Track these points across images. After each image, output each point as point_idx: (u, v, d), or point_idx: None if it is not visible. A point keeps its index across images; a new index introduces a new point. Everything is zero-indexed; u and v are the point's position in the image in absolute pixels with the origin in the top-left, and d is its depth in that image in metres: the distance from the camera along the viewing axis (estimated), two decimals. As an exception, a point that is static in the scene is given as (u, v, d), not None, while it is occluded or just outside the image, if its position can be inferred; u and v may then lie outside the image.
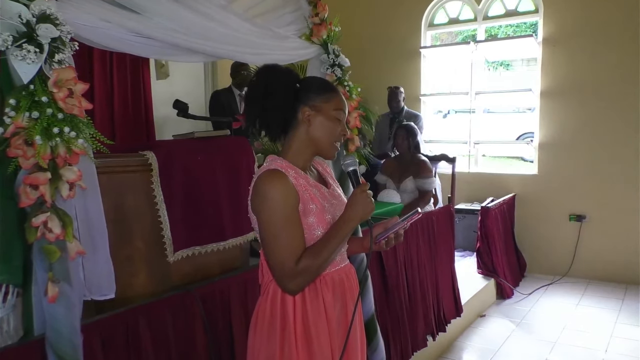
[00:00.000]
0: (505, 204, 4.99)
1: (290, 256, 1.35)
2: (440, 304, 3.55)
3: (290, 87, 1.45)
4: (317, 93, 1.46)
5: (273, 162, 1.45)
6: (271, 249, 1.37)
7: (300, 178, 1.44)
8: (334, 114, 1.45)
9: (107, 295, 1.76)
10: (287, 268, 1.35)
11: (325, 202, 1.46)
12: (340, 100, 1.47)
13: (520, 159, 9.94)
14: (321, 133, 1.45)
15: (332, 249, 1.37)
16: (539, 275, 5.14)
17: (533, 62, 5.73)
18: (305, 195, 1.42)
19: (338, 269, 1.50)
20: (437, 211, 3.76)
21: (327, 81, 1.54)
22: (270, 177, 1.38)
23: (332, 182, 1.58)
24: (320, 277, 1.44)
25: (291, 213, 1.37)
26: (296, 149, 1.47)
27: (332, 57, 2.58)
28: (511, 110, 10.68)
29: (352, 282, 1.54)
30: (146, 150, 2.11)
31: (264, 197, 1.36)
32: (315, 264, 1.37)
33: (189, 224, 2.19)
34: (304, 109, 1.45)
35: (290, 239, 1.36)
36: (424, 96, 5.85)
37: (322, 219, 1.42)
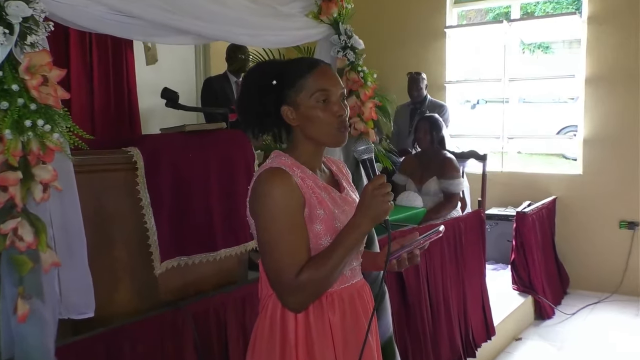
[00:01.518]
0: (544, 209, 4.97)
1: (290, 267, 1.34)
2: (469, 325, 3.53)
3: (264, 88, 1.45)
4: (289, 85, 1.44)
5: (276, 158, 1.45)
6: (269, 257, 1.37)
7: (307, 178, 1.43)
8: (314, 99, 1.42)
9: (86, 314, 1.76)
10: (286, 280, 1.34)
11: (336, 208, 1.45)
12: (318, 79, 1.43)
13: (562, 157, 9.87)
14: (312, 127, 1.44)
15: (338, 259, 1.35)
16: (584, 292, 5.10)
17: (576, 44, 5.71)
18: (312, 199, 1.41)
19: (348, 285, 1.48)
20: (465, 217, 3.75)
21: (301, 61, 1.49)
22: (272, 175, 1.38)
23: (346, 185, 1.57)
24: (327, 294, 1.43)
25: (294, 218, 1.37)
26: (300, 147, 1.48)
27: (343, 39, 2.58)
28: (551, 99, 10.64)
29: (365, 302, 1.52)
30: (130, 147, 2.12)
31: (263, 199, 1.36)
32: (318, 276, 1.35)
33: (178, 231, 2.20)
34: (285, 110, 1.45)
35: (291, 247, 1.35)
36: (450, 83, 5.83)
37: (330, 226, 1.41)
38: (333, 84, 1.44)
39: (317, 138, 1.45)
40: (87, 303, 1.75)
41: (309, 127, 1.44)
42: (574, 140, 5.41)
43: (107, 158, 2.09)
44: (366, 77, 2.61)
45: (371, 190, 1.34)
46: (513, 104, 5.79)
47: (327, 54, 2.60)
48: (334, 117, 1.43)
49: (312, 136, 1.45)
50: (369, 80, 2.62)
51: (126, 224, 2.12)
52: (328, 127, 1.43)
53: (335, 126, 1.43)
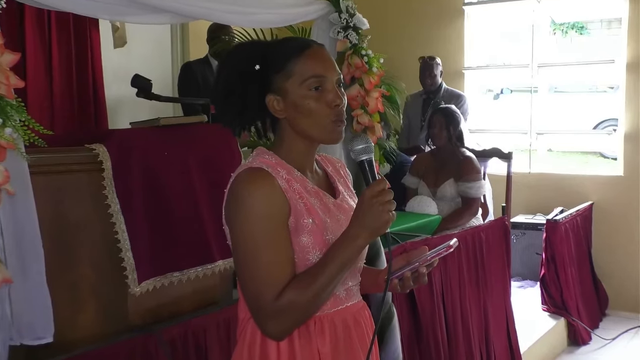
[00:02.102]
0: (579, 217, 4.98)
1: (269, 287, 1.32)
2: (491, 352, 3.53)
3: (245, 73, 1.43)
4: (276, 69, 1.42)
5: (258, 157, 1.43)
6: (247, 275, 1.35)
7: (294, 181, 1.41)
8: (306, 86, 1.40)
9: (43, 339, 1.76)
10: (264, 303, 1.32)
11: (328, 217, 1.42)
12: (309, 62, 1.41)
13: (600, 156, 9.91)
14: (302, 120, 1.42)
15: (328, 278, 1.32)
16: (626, 313, 5.11)
17: (616, 23, 5.73)
18: (299, 206, 1.38)
19: (342, 308, 1.45)
20: (486, 226, 3.75)
21: (287, 42, 1.47)
22: (251, 177, 1.37)
23: (343, 190, 1.54)
24: (315, 319, 1.40)
25: (276, 228, 1.35)
26: (288, 143, 1.46)
27: (344, 17, 2.59)
28: (587, 89, 10.68)
29: (363, 329, 1.49)
30: (95, 143, 2.11)
31: (240, 204, 1.35)
32: (303, 299, 1.32)
33: (155, 243, 2.19)
34: (270, 99, 1.42)
35: (272, 263, 1.33)
36: (469, 70, 5.84)
37: (319, 239, 1.38)
38: (328, 68, 1.42)
39: (309, 133, 1.43)
40: (44, 326, 1.75)
41: (298, 120, 1.42)
42: (613, 136, 5.43)
43: (68, 157, 2.09)
44: (371, 62, 2.62)
45: (369, 197, 1.31)
46: (542, 94, 5.80)
47: (325, 35, 2.61)
48: (329, 108, 1.41)
49: (303, 130, 1.43)
50: (374, 66, 2.63)
51: (92, 235, 2.12)
52: (322, 120, 1.41)
53: (331, 119, 1.41)
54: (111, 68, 4.52)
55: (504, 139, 5.75)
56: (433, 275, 3.08)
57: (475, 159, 4.19)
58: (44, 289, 1.74)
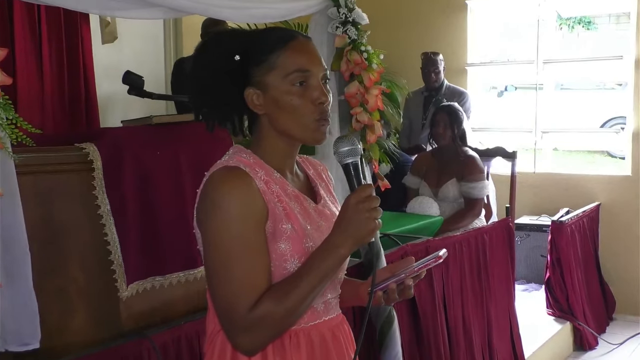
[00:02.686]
0: (585, 218, 4.98)
1: (243, 297, 1.25)
2: (494, 356, 3.54)
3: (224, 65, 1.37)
4: (256, 61, 1.36)
5: (235, 155, 1.38)
6: (218, 284, 1.29)
7: (273, 183, 1.36)
8: (289, 81, 1.34)
9: (29, 345, 1.76)
10: (237, 315, 1.26)
11: (308, 223, 1.37)
12: (294, 55, 1.36)
13: (607, 155, 9.92)
14: (284, 117, 1.36)
15: (307, 290, 1.27)
16: (634, 317, 5.11)
17: (625, 18, 5.73)
18: (278, 209, 1.33)
19: (319, 322, 1.40)
20: (490, 227, 3.75)
21: (269, 32, 1.41)
22: (227, 177, 1.31)
23: (324, 195, 1.49)
24: (291, 333, 1.35)
25: (252, 233, 1.29)
26: (267, 142, 1.40)
27: (343, 12, 2.59)
28: (594, 86, 10.69)
29: (342, 344, 1.44)
30: (86, 142, 2.11)
31: (213, 207, 1.28)
32: (280, 311, 1.26)
33: (146, 245, 2.19)
34: (249, 93, 1.37)
35: (246, 271, 1.27)
36: (472, 66, 5.84)
37: (299, 246, 1.33)
38: (314, 62, 1.37)
39: (290, 132, 1.37)
40: (31, 332, 1.75)
41: (279, 117, 1.37)
42: (621, 134, 5.43)
43: (57, 156, 2.09)
44: (371, 59, 2.62)
45: (355, 203, 1.26)
46: (548, 91, 5.80)
47: (323, 30, 2.61)
48: (313, 105, 1.35)
49: (283, 129, 1.38)
50: (374, 62, 2.63)
51: (82, 237, 2.12)
52: (305, 118, 1.35)
53: (315, 117, 1.36)
54: (102, 64, 4.51)
55: (508, 138, 5.75)
56: (434, 278, 3.08)
57: (479, 159, 4.20)
58: (30, 294, 1.74)
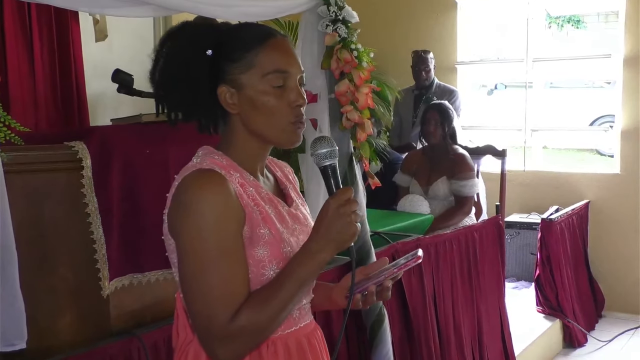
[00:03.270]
0: (574, 216, 5.00)
1: (222, 307, 1.20)
2: (484, 353, 3.55)
3: (196, 56, 1.32)
4: (231, 58, 1.31)
5: (206, 157, 1.33)
6: (194, 293, 1.23)
7: (247, 185, 1.31)
8: (267, 82, 1.30)
9: (16, 345, 1.75)
10: (217, 324, 1.20)
11: (284, 227, 1.33)
12: (273, 54, 1.31)
13: (596, 153, 9.98)
14: (258, 118, 1.31)
15: (288, 297, 1.23)
16: (622, 314, 5.14)
17: (613, 17, 5.77)
18: (254, 214, 1.28)
19: (295, 329, 1.37)
20: (480, 225, 3.76)
21: (250, 28, 1.37)
22: (202, 180, 1.26)
23: (295, 197, 1.45)
24: (268, 342, 1.31)
25: (230, 240, 1.24)
26: (238, 142, 1.35)
27: (333, 10, 2.59)
28: (583, 84, 10.74)
29: (317, 351, 1.41)
30: (75, 141, 2.10)
31: (189, 212, 1.23)
32: (261, 320, 1.22)
33: (131, 243, 2.18)
34: (222, 90, 1.32)
35: (225, 279, 1.21)
36: (461, 65, 5.85)
37: (277, 251, 1.29)
38: (292, 63, 1.33)
39: (264, 133, 1.33)
40: (17, 332, 1.74)
41: (254, 118, 1.32)
42: (610, 132, 5.46)
43: (46, 155, 2.07)
44: (361, 57, 2.62)
45: (335, 207, 1.22)
46: (538, 90, 5.83)
47: (313, 28, 2.60)
48: (290, 108, 1.32)
49: (257, 130, 1.33)
50: (364, 61, 2.63)
51: (70, 237, 2.10)
52: (280, 120, 1.31)
53: (291, 120, 1.32)
54: (91, 63, 4.49)
55: (497, 136, 5.77)
56: (425, 276, 3.09)
57: (469, 157, 4.21)
58: (17, 294, 1.73)
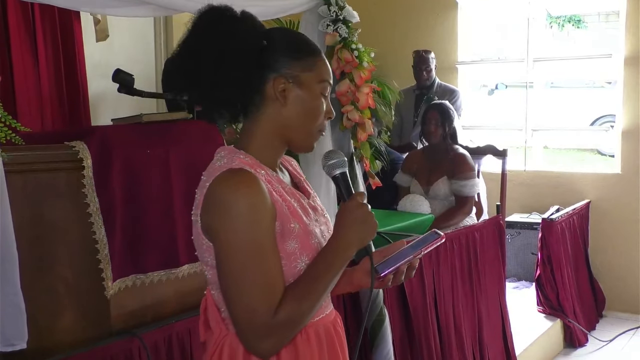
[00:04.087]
0: (575, 215, 5.00)
1: (264, 302, 1.25)
2: (485, 355, 3.55)
3: (251, 42, 1.35)
4: (294, 55, 1.37)
5: (233, 157, 1.35)
6: (236, 290, 1.27)
7: (274, 182, 1.36)
8: (318, 88, 1.38)
9: (16, 345, 1.75)
10: (260, 319, 1.25)
11: (309, 219, 1.39)
12: (326, 66, 1.41)
13: (597, 153, 9.97)
14: (300, 116, 1.37)
15: (323, 289, 1.30)
16: (623, 314, 5.14)
17: (614, 17, 5.76)
18: (284, 209, 1.33)
19: (322, 317, 1.43)
20: (480, 225, 3.76)
21: (305, 38, 1.45)
22: (235, 180, 1.28)
23: (310, 190, 1.51)
24: (301, 331, 1.36)
25: (267, 236, 1.28)
26: (262, 137, 1.39)
27: (334, 10, 2.59)
28: (583, 84, 10.74)
29: (341, 336, 1.48)
30: (75, 140, 2.10)
31: (226, 212, 1.26)
32: (301, 312, 1.28)
33: (133, 244, 2.19)
34: (278, 80, 1.35)
35: (264, 275, 1.26)
36: (462, 64, 5.85)
37: (307, 244, 1.35)
38: (331, 82, 1.43)
39: (293, 132, 1.39)
40: (18, 333, 1.74)
41: (295, 116, 1.37)
42: (610, 132, 5.45)
43: (46, 155, 2.08)
44: (361, 57, 2.62)
45: (357, 208, 1.33)
46: (538, 90, 5.82)
47: (314, 28, 2.61)
48: (324, 117, 1.41)
49: (291, 127, 1.38)
50: (365, 61, 2.63)
51: (71, 236, 2.11)
52: (314, 126, 1.40)
53: (320, 128, 1.41)
54: (92, 62, 4.50)
55: (498, 136, 5.78)
56: (425, 276, 3.09)
57: (469, 157, 4.21)
58: (17, 294, 1.73)
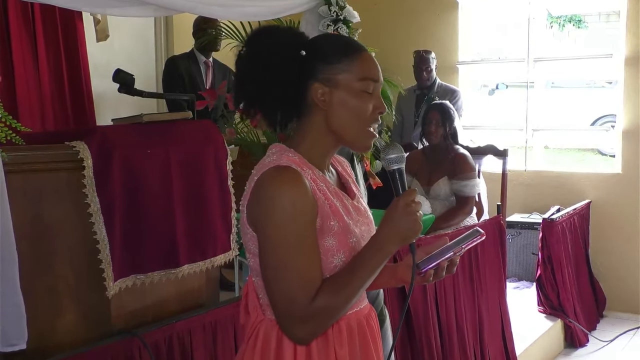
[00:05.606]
0: (576, 215, 5.00)
1: (303, 291, 1.33)
2: (486, 354, 3.55)
3: (291, 55, 1.42)
4: (330, 60, 1.43)
5: (282, 155, 1.42)
6: (277, 279, 1.35)
7: (318, 181, 1.43)
8: (359, 86, 1.42)
9: (16, 345, 1.75)
10: (298, 307, 1.33)
11: (350, 219, 1.45)
12: (367, 63, 1.45)
13: (597, 153, 9.97)
14: (345, 117, 1.43)
15: (360, 283, 1.37)
16: (624, 314, 5.14)
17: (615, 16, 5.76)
18: (326, 207, 1.40)
19: (356, 311, 1.48)
20: (481, 225, 3.76)
21: (345, 38, 1.54)
22: (281, 176, 1.36)
23: (356, 191, 1.57)
24: (333, 323, 1.42)
25: (308, 230, 1.36)
26: (312, 139, 1.45)
27: (334, 10, 2.59)
28: (584, 84, 10.74)
29: (374, 331, 1.53)
30: (75, 140, 2.10)
31: (271, 206, 1.34)
32: (337, 302, 1.35)
33: (134, 244, 2.19)
34: (315, 87, 1.42)
35: (304, 266, 1.34)
36: (463, 64, 5.85)
37: (344, 242, 1.41)
38: (380, 76, 1.46)
39: (344, 132, 1.44)
40: (18, 333, 1.74)
41: (340, 116, 1.43)
42: (611, 132, 5.45)
43: (46, 155, 2.08)
44: (362, 57, 2.62)
45: (404, 206, 1.36)
46: (539, 89, 5.82)
47: (314, 28, 2.60)
48: (374, 114, 1.44)
49: (339, 129, 1.44)
50: (365, 61, 2.63)
51: (71, 236, 2.11)
52: (363, 123, 1.43)
53: (371, 123, 1.45)
54: (93, 62, 4.50)
55: (499, 136, 5.78)
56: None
57: (470, 157, 4.21)
58: (17, 294, 1.73)
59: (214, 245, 2.42)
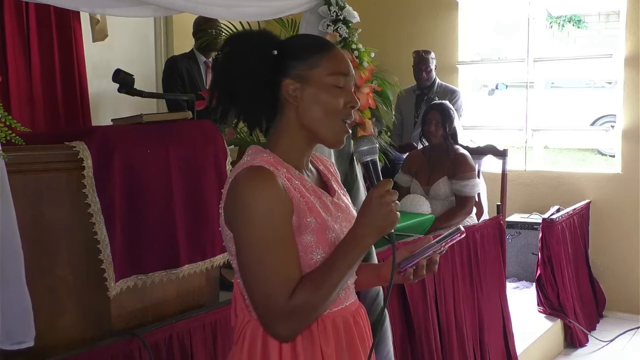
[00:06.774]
0: (576, 216, 5.00)
1: (281, 288, 1.34)
2: (486, 355, 3.55)
3: (263, 55, 1.44)
4: (301, 56, 1.46)
5: (257, 155, 1.45)
6: (254, 277, 1.37)
7: (294, 179, 1.44)
8: (330, 81, 1.44)
9: (24, 343, 1.75)
10: (275, 304, 1.34)
11: (328, 216, 1.46)
12: (335, 58, 1.47)
13: (597, 153, 9.97)
14: (316, 112, 1.45)
15: (338, 278, 1.37)
16: (624, 314, 5.14)
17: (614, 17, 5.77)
18: (301, 204, 1.42)
19: (342, 308, 1.49)
20: (481, 225, 3.77)
21: (315, 37, 1.55)
22: (254, 176, 1.38)
23: (337, 188, 1.59)
24: (318, 320, 1.44)
25: (282, 227, 1.37)
26: (287, 138, 1.47)
27: (334, 10, 2.59)
28: (584, 84, 10.74)
29: (362, 329, 1.54)
30: (75, 141, 2.11)
31: (244, 206, 1.36)
32: (315, 298, 1.36)
33: (134, 244, 2.19)
34: (287, 83, 1.44)
35: (280, 264, 1.35)
36: (463, 65, 5.85)
37: (322, 237, 1.42)
38: (350, 70, 1.48)
39: (316, 127, 1.46)
40: (25, 330, 1.74)
41: (311, 112, 1.44)
42: (611, 132, 5.45)
43: (47, 155, 2.08)
44: (362, 57, 2.62)
45: (377, 197, 1.36)
46: (539, 90, 5.83)
47: (314, 28, 2.60)
48: (346, 108, 1.45)
49: (311, 124, 1.45)
50: (365, 61, 2.63)
51: (72, 237, 2.11)
52: (334, 117, 1.45)
53: (343, 117, 1.46)
54: (92, 62, 4.50)
55: (499, 136, 5.78)
56: (425, 277, 3.09)
57: (470, 157, 4.21)
58: (24, 293, 1.73)
59: (214, 245, 2.43)
